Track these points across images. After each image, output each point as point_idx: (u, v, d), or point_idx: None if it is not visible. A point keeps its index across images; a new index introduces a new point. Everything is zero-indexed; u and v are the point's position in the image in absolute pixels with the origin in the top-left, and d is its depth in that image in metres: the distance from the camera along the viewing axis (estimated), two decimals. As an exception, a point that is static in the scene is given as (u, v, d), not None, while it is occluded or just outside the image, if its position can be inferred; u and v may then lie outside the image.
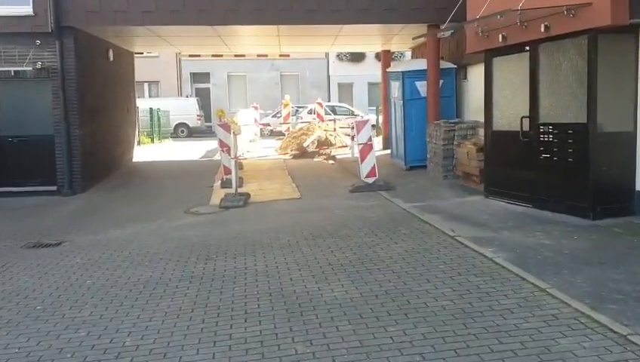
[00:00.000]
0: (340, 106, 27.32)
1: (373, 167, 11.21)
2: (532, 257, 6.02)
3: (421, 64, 13.22)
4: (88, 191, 12.46)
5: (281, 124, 24.01)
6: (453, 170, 11.73)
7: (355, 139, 11.33)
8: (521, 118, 8.60)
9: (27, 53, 11.85)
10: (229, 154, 11.92)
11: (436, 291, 5.09)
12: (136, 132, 18.75)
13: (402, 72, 13.16)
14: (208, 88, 35.43)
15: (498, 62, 9.28)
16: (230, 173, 12.27)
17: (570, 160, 7.91)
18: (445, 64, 13.08)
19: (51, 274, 6.64)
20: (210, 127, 33.98)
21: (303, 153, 17.41)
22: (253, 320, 4.72)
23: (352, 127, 16.46)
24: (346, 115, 25.60)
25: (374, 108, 32.97)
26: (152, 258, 7.11)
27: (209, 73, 35.16)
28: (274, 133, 26.08)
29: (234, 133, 10.76)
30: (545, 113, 8.35)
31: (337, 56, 35.12)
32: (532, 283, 5.10)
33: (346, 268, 6.03)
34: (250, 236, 7.93)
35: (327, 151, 16.93)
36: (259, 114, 23.77)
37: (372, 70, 35.12)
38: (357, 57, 35.07)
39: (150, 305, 5.32)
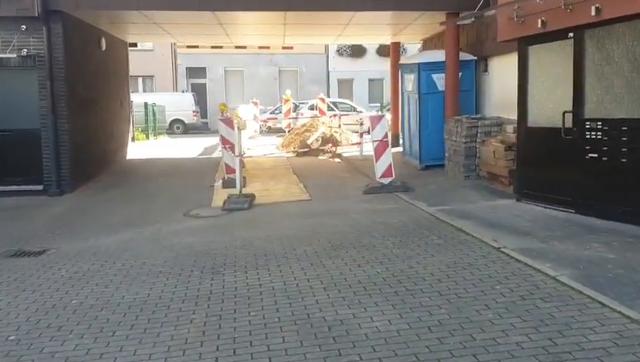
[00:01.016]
0: (341, 102, 26.33)
1: (389, 167, 10.28)
2: (601, 275, 5.10)
3: (439, 55, 12.28)
4: (78, 190, 11.46)
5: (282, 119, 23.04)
6: (476, 169, 10.81)
7: (370, 135, 10.38)
8: (563, 113, 7.67)
9: (11, 39, 10.83)
10: (233, 152, 10.95)
11: (502, 321, 4.15)
12: (131, 127, 17.73)
13: (418, 64, 12.21)
14: (204, 83, 34.37)
15: (535, 50, 8.34)
16: (233, 172, 11.30)
17: (623, 160, 6.99)
18: (464, 55, 12.15)
19: (30, 290, 5.66)
20: (207, 123, 33.04)
21: (306, 150, 16.44)
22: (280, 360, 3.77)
23: (361, 124, 15.59)
24: (348, 111, 24.62)
25: (378, 105, 32.14)
26: (150, 270, 6.15)
27: (205, 68, 34.10)
28: (272, 130, 25.12)
29: (239, 128, 9.79)
30: (592, 108, 7.42)
31: (337, 50, 34.19)
32: (618, 312, 4.17)
33: (381, 287, 5.09)
34: (261, 244, 6.97)
35: (333, 148, 15.96)
36: (259, 110, 22.77)
37: (373, 65, 34.25)
38: (358, 52, 34.14)
39: (149, 335, 4.36)
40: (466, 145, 10.80)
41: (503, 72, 11.57)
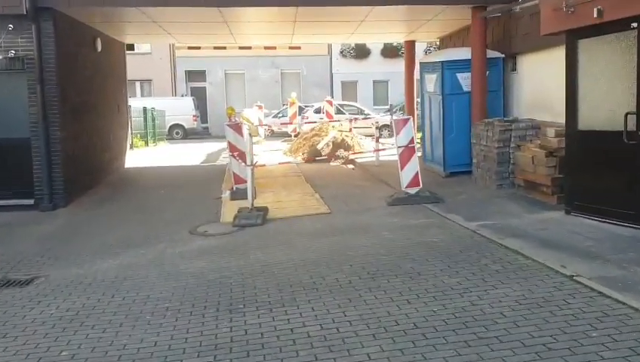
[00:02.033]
0: (348, 105, 25.35)
1: (416, 175, 9.30)
2: None
3: (463, 53, 11.32)
4: (72, 204, 10.47)
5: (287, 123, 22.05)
6: (509, 177, 9.83)
7: (394, 140, 9.40)
8: (625, 115, 6.70)
9: (-3, 39, 9.87)
10: (242, 161, 9.97)
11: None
12: (129, 134, 16.74)
13: (442, 63, 11.24)
14: (204, 87, 33.37)
15: (588, 44, 7.37)
16: (242, 183, 10.35)
17: (703, 168, 6.02)
18: (491, 53, 11.18)
19: (12, 336, 4.67)
20: (207, 128, 32.05)
21: (316, 156, 15.47)
22: None
23: (377, 127, 14.61)
24: (355, 114, 23.65)
25: (386, 107, 31.11)
26: (155, 307, 5.16)
27: (205, 71, 33.12)
28: (275, 134, 24.15)
29: (250, 134, 8.79)
30: (661, 108, 6.46)
31: (341, 52, 33.27)
32: None
33: (445, 334, 4.10)
34: (283, 271, 5.98)
35: (345, 154, 14.98)
36: (263, 114, 21.79)
37: (378, 67, 33.33)
38: (362, 54, 33.21)
39: (158, 408, 3.37)
40: (498, 150, 9.82)
41: (534, 70, 10.62)
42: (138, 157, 17.85)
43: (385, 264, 5.95)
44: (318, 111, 23.61)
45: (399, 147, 9.29)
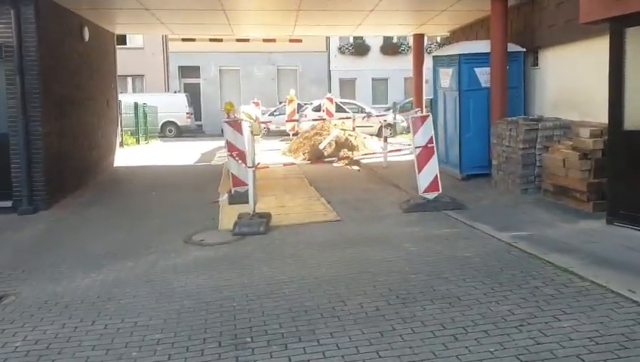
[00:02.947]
0: (348, 103, 24.46)
1: (435, 178, 8.43)
2: None
3: (482, 46, 10.46)
4: (54, 207, 9.53)
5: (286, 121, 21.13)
6: (535, 181, 8.99)
7: (412, 140, 8.51)
8: (685, 113, 5.86)
9: (-29, 24, 8.92)
10: (242, 161, 9.07)
11: None
12: (119, 131, 15.77)
13: (459, 56, 10.37)
14: (198, 84, 32.39)
15: (637, 33, 6.52)
16: (241, 185, 9.46)
17: None
18: (511, 47, 10.33)
19: (-37, 380, 3.76)
20: (201, 125, 31.08)
21: (318, 156, 14.59)
22: None
23: (388, 126, 13.74)
24: (355, 112, 22.76)
25: (385, 105, 30.30)
26: (143, 339, 4.26)
27: (199, 67, 32.13)
28: (272, 133, 23.25)
29: (252, 132, 7.89)
30: None
31: (339, 49, 32.41)
32: None
33: (514, 387, 3.22)
34: (295, 292, 5.09)
35: (349, 154, 14.10)
36: (260, 111, 20.86)
37: (377, 64, 32.51)
38: (361, 50, 32.38)
39: None
40: (523, 151, 8.98)
41: (560, 65, 9.78)
42: (128, 155, 16.89)
43: (415, 285, 5.06)
44: (317, 109, 22.74)
45: (417, 147, 8.42)
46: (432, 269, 5.50)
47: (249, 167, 7.90)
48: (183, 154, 17.90)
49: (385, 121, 13.76)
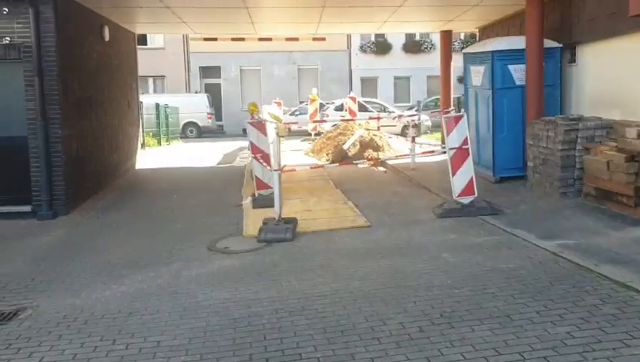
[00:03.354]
0: (371, 102, 24.01)
1: (471, 182, 7.99)
2: None
3: (516, 42, 9.99)
4: (74, 212, 9.28)
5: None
6: (575, 184, 8.51)
7: (446, 141, 8.08)
8: None
9: (-11, 24, 8.70)
10: (266, 164, 8.73)
11: None
12: (140, 132, 15.55)
13: (492, 53, 9.90)
14: (219, 84, 32.18)
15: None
16: (265, 188, 9.13)
17: None
18: (547, 42, 9.83)
19: (-27, 409, 3.45)
20: (222, 126, 30.86)
21: (342, 157, 14.18)
22: None
23: (413, 126, 13.30)
24: (378, 112, 22.32)
25: (407, 104, 29.80)
26: (167, 362, 3.92)
27: (220, 67, 31.92)
28: (292, 133, 22.84)
29: (278, 134, 7.53)
30: None
31: (361, 47, 31.96)
32: None
33: None
34: (328, 308, 4.72)
35: (374, 155, 13.69)
36: (282, 111, 20.48)
37: (399, 63, 32.00)
38: (383, 49, 31.90)
39: None
40: (562, 153, 8.49)
41: (600, 61, 9.27)
42: (150, 157, 16.68)
43: (459, 301, 4.66)
44: (339, 108, 22.33)
45: (451, 148, 7.98)
46: (475, 283, 5.09)
47: (274, 170, 7.55)
48: (205, 155, 17.64)
49: (414, 120, 13.15)
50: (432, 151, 9.58)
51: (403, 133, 21.68)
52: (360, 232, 7.38)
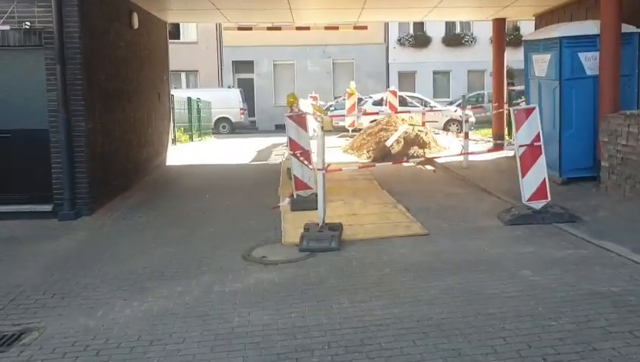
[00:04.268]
0: (412, 97, 22.94)
1: (543, 184, 6.95)
2: None
3: (588, 27, 8.90)
4: (98, 212, 8.54)
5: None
6: (662, 188, 7.39)
7: (514, 138, 7.05)
8: None
9: (7, 7, 7.99)
10: (307, 161, 7.84)
11: None
12: (171, 127, 14.81)
13: (560, 39, 8.81)
14: (251, 79, 31.47)
15: None
16: (304, 189, 8.25)
17: None
18: (624, 27, 8.68)
19: None
20: (254, 122, 30.17)
21: (385, 155, 13.22)
22: None
23: (466, 120, 12.24)
24: (418, 107, 21.26)
25: (447, 99, 28.61)
26: (194, 417, 3.04)
27: (253, 62, 31.21)
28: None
29: (323, 128, 6.60)
30: None
31: (399, 40, 30.87)
32: None
33: None
34: (394, 344, 3.80)
35: (421, 152, 12.68)
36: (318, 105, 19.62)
37: (439, 56, 30.83)
38: (421, 42, 30.77)
39: None
40: (648, 152, 7.39)
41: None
42: (181, 153, 15.95)
43: (562, 339, 3.68)
44: (378, 103, 21.35)
45: (520, 146, 6.95)
46: (574, 312, 4.10)
47: (319, 170, 6.63)
48: (238, 151, 16.85)
49: (468, 115, 11.94)
50: (501, 149, 8.41)
51: (445, 129, 20.62)
52: (417, 242, 6.42)
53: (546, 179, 6.94)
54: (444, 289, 4.78)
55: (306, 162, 7.99)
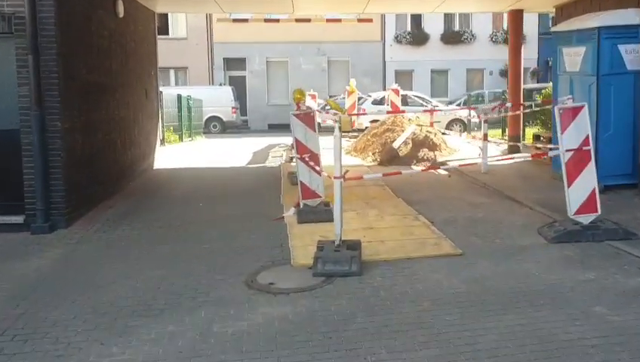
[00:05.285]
0: (414, 96, 21.99)
1: (593, 195, 6.02)
2: None
3: (630, 16, 7.99)
4: (77, 223, 7.49)
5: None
6: None
7: (559, 140, 6.08)
8: None
9: (-29, -12, 6.93)
10: (315, 165, 6.86)
11: None
12: (159, 126, 13.74)
13: (597, 29, 7.89)
14: (243, 76, 30.39)
15: None
16: (312, 198, 7.28)
17: None
18: (666, 17, 7.80)
19: None
20: (247, 121, 29.11)
21: (392, 157, 12.26)
22: None
23: (485, 121, 11.26)
24: (420, 106, 20.31)
25: (445, 99, 27.73)
26: None
27: (245, 59, 30.13)
28: (322, 129, 20.94)
29: (340, 128, 5.60)
30: None
31: (396, 38, 29.95)
32: None
33: None
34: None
35: (431, 155, 11.73)
36: (317, 104, 18.60)
37: (436, 55, 29.95)
38: (419, 39, 29.87)
39: None
40: None
41: None
42: (171, 155, 14.86)
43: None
44: (378, 102, 20.39)
45: (567, 151, 6.00)
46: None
47: (335, 178, 5.63)
48: (232, 153, 15.79)
49: (487, 114, 10.88)
50: (543, 155, 7.47)
51: (448, 129, 19.73)
52: (451, 263, 5.45)
53: (596, 190, 6.01)
54: (504, 334, 3.81)
55: (316, 167, 7.00)
